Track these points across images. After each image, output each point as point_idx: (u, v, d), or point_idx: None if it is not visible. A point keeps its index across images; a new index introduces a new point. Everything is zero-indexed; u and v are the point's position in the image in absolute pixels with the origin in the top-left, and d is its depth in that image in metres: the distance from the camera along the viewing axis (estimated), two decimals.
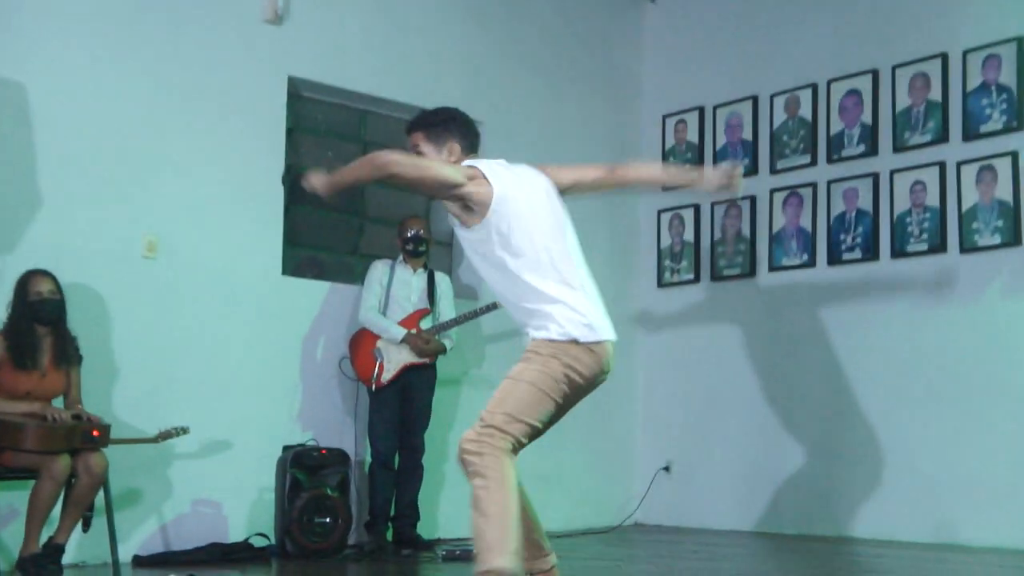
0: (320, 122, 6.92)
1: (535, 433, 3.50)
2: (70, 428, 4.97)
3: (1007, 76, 6.40)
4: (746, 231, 7.48)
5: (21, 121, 5.53)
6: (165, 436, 5.45)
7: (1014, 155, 6.34)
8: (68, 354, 5.21)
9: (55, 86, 5.64)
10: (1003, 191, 6.37)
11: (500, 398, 3.49)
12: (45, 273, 5.18)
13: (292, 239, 6.60)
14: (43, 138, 5.59)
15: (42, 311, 5.10)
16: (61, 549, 4.99)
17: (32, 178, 5.54)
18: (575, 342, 3.48)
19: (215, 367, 6.07)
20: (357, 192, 6.97)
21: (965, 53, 6.57)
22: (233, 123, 6.25)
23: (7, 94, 5.50)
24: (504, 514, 3.34)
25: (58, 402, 5.17)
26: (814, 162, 7.22)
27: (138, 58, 5.92)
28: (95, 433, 5.02)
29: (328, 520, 5.99)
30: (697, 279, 7.75)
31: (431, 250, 6.59)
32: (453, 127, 3.76)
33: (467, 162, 3.64)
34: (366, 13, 6.76)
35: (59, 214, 5.61)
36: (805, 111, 7.28)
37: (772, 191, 7.37)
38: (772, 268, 7.35)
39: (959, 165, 6.55)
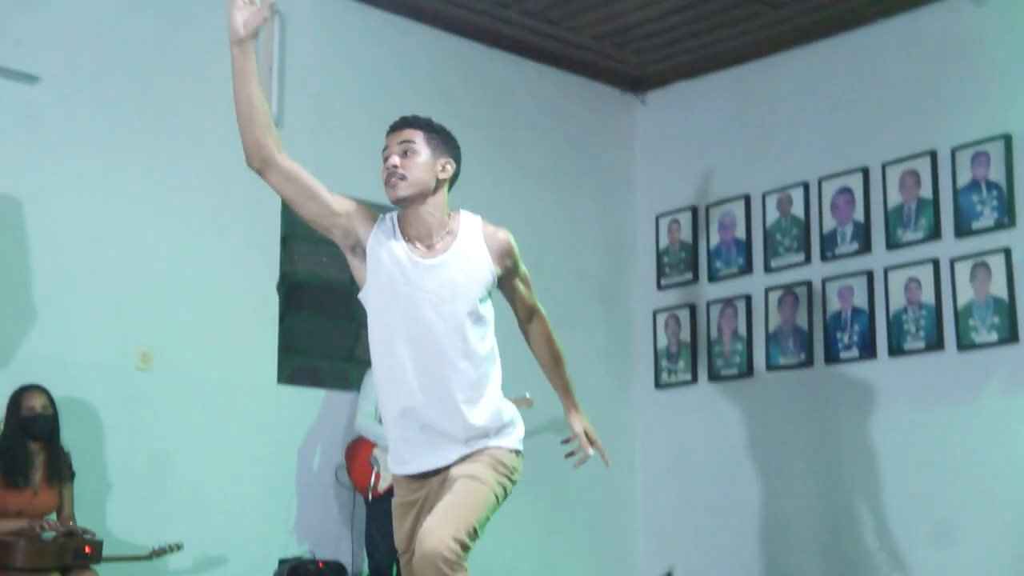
0: (314, 229, 6.96)
1: None
2: (61, 545, 4.91)
3: (996, 173, 6.42)
4: (742, 330, 7.47)
5: (16, 234, 5.54)
6: (159, 553, 5.38)
7: (1007, 252, 6.33)
8: (61, 471, 5.16)
9: (49, 200, 5.66)
10: (997, 288, 6.35)
11: (471, 507, 3.32)
12: (38, 388, 5.14)
13: (287, 347, 6.58)
14: (37, 251, 5.58)
15: (35, 427, 5.08)
16: None
17: (27, 291, 5.54)
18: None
19: (209, 479, 6.01)
20: (352, 298, 7.00)
21: (954, 150, 6.59)
22: (227, 231, 6.27)
23: (4, 210, 5.52)
24: None
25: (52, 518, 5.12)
26: (808, 260, 7.21)
27: (132, 171, 5.95)
28: (87, 550, 4.95)
29: None
30: (695, 380, 7.70)
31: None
32: (454, 146, 3.55)
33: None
34: (356, 121, 6.81)
35: (53, 327, 5.59)
36: (798, 209, 7.29)
37: (767, 290, 7.35)
38: (769, 367, 7.32)
39: (952, 262, 6.54)
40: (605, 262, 7.86)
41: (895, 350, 6.74)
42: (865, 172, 6.99)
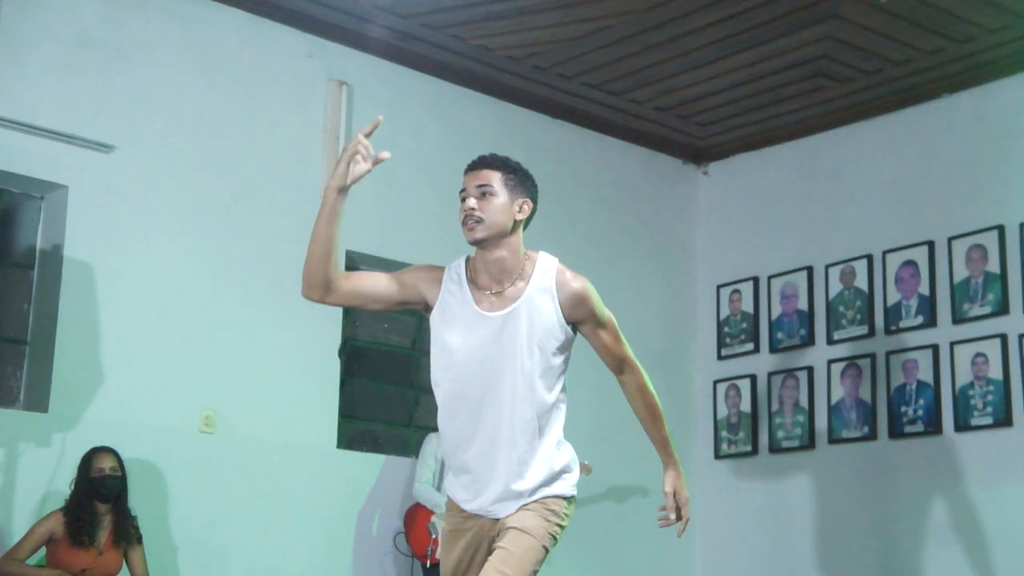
0: None
1: None
2: None
3: None
4: (804, 402, 7.40)
5: (88, 299, 5.59)
6: None
7: None
8: (128, 533, 5.18)
9: (120, 266, 5.70)
10: None
11: (521, 563, 3.29)
12: (108, 450, 5.19)
13: (347, 412, 6.57)
14: (107, 316, 5.62)
15: (103, 488, 5.11)
16: None
17: (95, 355, 5.57)
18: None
19: (269, 543, 5.99)
20: (412, 364, 7.01)
21: (1021, 225, 6.57)
22: (291, 298, 6.09)
23: (75, 273, 5.58)
24: None
25: None
26: (872, 333, 7.15)
27: (199, 238, 5.98)
28: None
29: None
30: (755, 451, 7.64)
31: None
32: (532, 185, 3.50)
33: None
34: (418, 192, 6.83)
35: (121, 390, 5.61)
36: (861, 282, 7.24)
37: (829, 362, 7.29)
38: (831, 440, 7.23)
39: (1021, 337, 6.50)
40: (667, 332, 7.83)
41: (961, 425, 6.67)
42: (931, 245, 6.95)
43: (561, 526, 3.41)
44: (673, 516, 3.55)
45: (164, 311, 5.83)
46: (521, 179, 3.45)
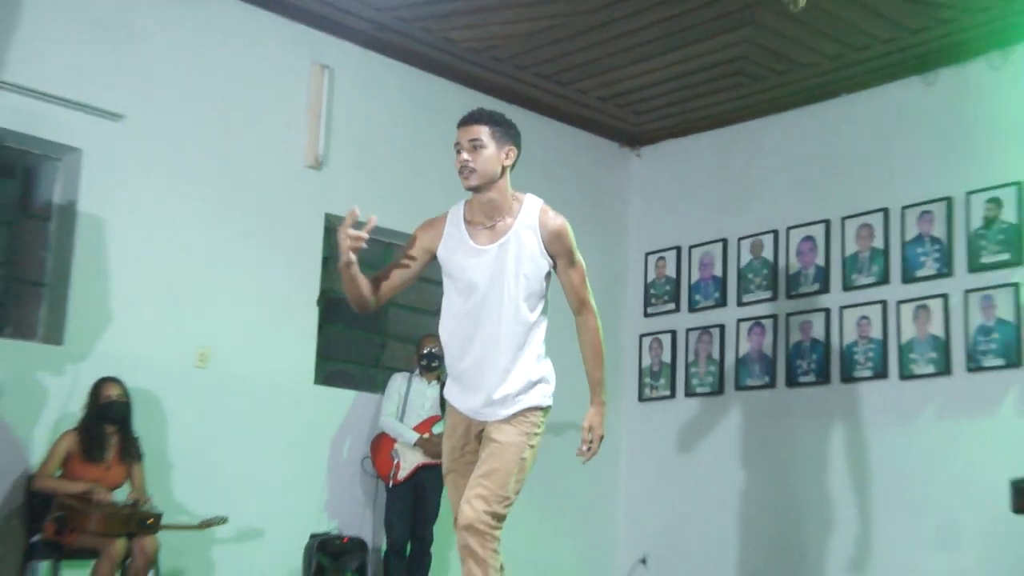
0: None
1: None
2: (128, 515, 4.94)
3: (939, 230, 6.44)
4: (716, 354, 7.43)
5: (98, 249, 5.57)
6: (207, 524, 5.39)
7: (945, 298, 6.35)
8: (131, 451, 5.19)
9: (128, 220, 5.66)
10: (936, 327, 6.37)
11: (502, 477, 3.35)
12: (115, 379, 5.19)
13: (324, 353, 6.54)
14: (115, 263, 5.59)
15: (111, 412, 5.12)
16: None
17: (105, 297, 5.55)
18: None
19: (253, 464, 5.99)
20: (381, 313, 6.94)
21: (904, 209, 6.61)
22: (277, 252, 6.23)
23: (87, 225, 5.56)
24: None
25: (120, 492, 5.12)
26: (775, 297, 7.18)
27: (197, 197, 5.93)
28: (150, 521, 4.99)
29: None
30: (673, 395, 7.65)
31: (443, 365, 6.50)
32: (515, 133, 3.52)
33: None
34: (391, 161, 6.79)
35: (127, 328, 5.59)
36: (768, 253, 7.26)
37: (739, 321, 7.33)
38: (738, 388, 7.28)
39: (899, 304, 6.56)
40: (601, 292, 7.53)
41: (846, 377, 6.74)
42: (827, 224, 6.99)
43: (537, 434, 3.46)
44: (584, 448, 3.55)
45: (166, 260, 5.80)
46: (506, 130, 3.47)
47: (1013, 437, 6.01)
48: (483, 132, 3.43)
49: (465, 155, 3.41)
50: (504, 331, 3.41)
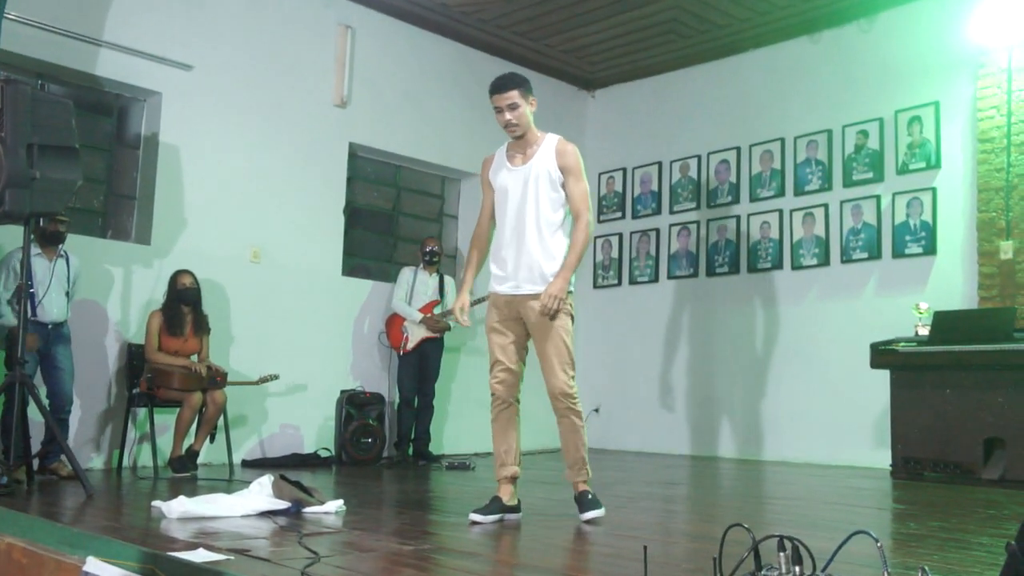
0: (369, 173, 6.84)
1: None
2: (201, 375, 5.07)
3: (822, 154, 6.56)
4: (653, 252, 7.49)
5: (176, 172, 5.63)
6: (263, 380, 5.58)
7: (826, 207, 6.50)
8: (202, 326, 5.26)
9: (200, 149, 5.72)
10: (819, 230, 6.50)
11: (564, 353, 3.36)
12: (188, 271, 5.26)
13: (348, 251, 6.58)
14: (189, 181, 5.65)
15: (186, 296, 5.17)
16: (196, 453, 5.12)
17: (180, 208, 5.63)
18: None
19: (297, 337, 6.09)
20: (393, 220, 6.94)
21: (795, 139, 6.72)
22: (311, 172, 6.23)
23: (170, 153, 5.62)
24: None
25: (194, 358, 5.24)
26: (699, 207, 7.27)
27: (250, 130, 5.96)
28: (219, 378, 5.14)
29: (370, 440, 6.01)
30: (620, 283, 7.73)
31: (442, 260, 6.51)
32: (530, 85, 3.46)
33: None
34: (400, 105, 6.73)
35: (199, 231, 5.66)
36: (693, 173, 7.32)
37: (670, 225, 7.41)
38: (670, 277, 7.38)
39: (791, 212, 6.68)
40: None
41: (752, 268, 6.88)
42: (738, 150, 7.10)
43: (571, 313, 3.43)
44: (536, 304, 3.46)
45: (226, 178, 5.86)
46: (527, 86, 3.45)
47: (873, 312, 6.20)
48: (515, 95, 3.39)
49: (508, 115, 3.39)
50: (532, 225, 3.42)
